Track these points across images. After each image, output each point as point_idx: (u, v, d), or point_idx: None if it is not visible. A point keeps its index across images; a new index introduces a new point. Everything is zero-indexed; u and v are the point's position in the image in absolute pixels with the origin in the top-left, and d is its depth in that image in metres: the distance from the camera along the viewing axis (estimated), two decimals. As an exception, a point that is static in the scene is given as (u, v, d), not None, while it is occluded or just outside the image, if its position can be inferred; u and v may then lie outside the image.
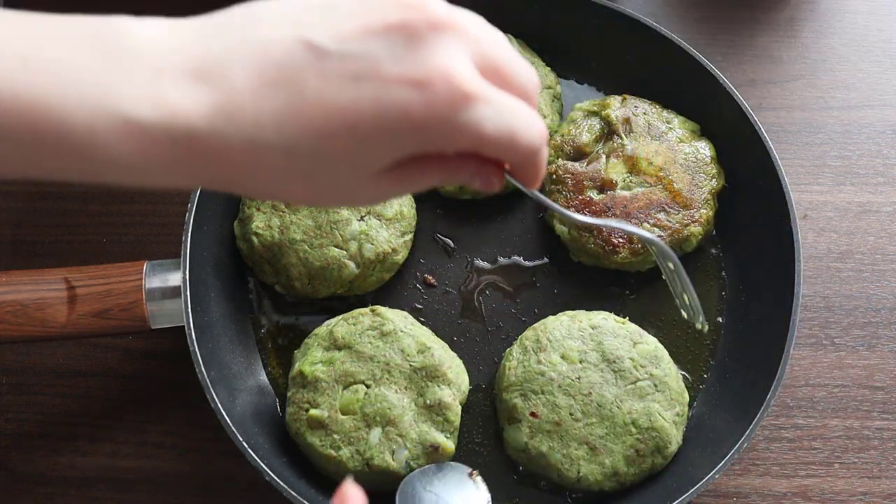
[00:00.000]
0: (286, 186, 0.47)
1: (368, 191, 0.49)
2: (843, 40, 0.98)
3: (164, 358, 0.86)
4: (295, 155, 0.45)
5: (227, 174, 0.46)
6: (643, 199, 0.84)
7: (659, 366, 0.79)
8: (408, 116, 0.44)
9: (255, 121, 0.44)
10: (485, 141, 0.47)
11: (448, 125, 0.45)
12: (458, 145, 0.47)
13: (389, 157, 0.47)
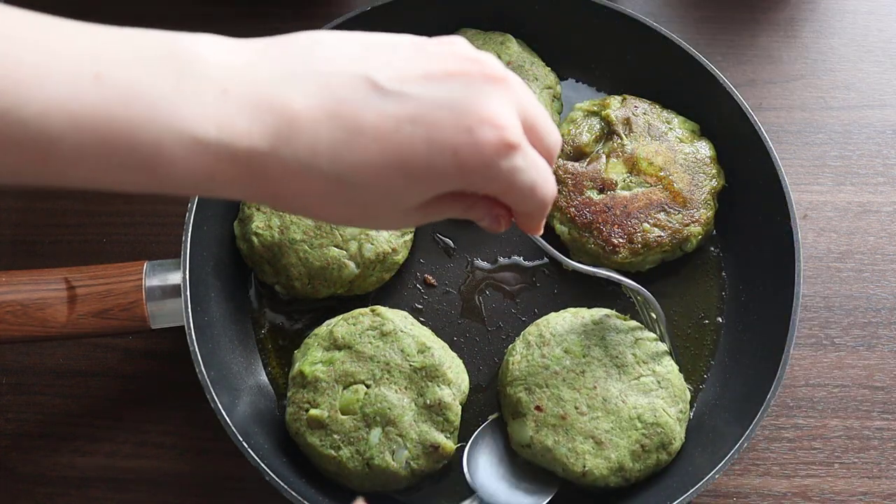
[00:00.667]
0: (325, 209, 0.50)
1: (398, 220, 0.53)
2: (843, 40, 0.98)
3: (164, 358, 0.86)
4: (343, 184, 0.48)
5: (276, 192, 0.48)
6: (643, 199, 0.84)
7: (661, 363, 0.79)
8: (456, 158, 0.48)
9: (312, 149, 0.46)
10: (512, 188, 0.51)
11: (489, 169, 0.49)
12: (490, 189, 0.51)
13: (431, 193, 0.50)
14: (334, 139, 0.46)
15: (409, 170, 0.48)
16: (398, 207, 0.51)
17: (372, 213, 0.51)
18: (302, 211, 0.51)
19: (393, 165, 0.47)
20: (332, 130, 0.46)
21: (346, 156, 0.47)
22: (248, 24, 0.99)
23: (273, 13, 1.00)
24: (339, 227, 0.83)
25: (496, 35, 0.92)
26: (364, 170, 0.47)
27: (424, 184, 0.49)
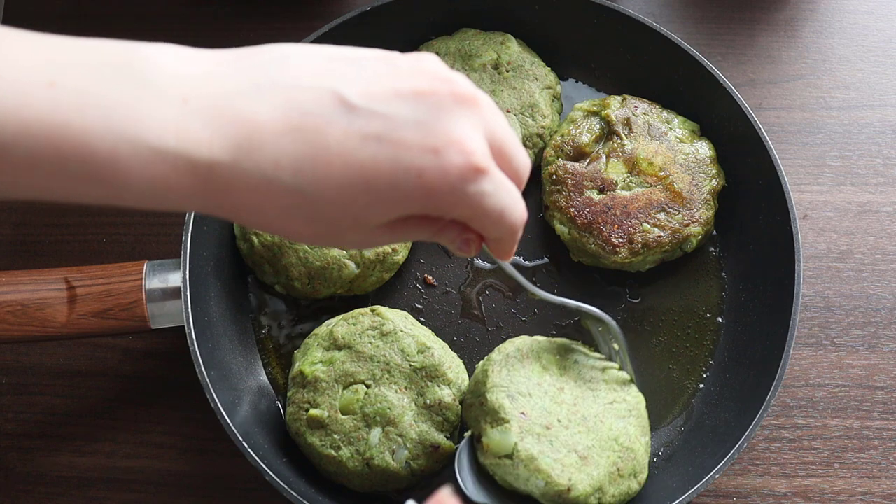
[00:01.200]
0: (287, 225, 0.49)
1: (363, 239, 0.51)
2: (844, 40, 0.98)
3: (164, 358, 0.86)
4: (306, 199, 0.47)
5: (236, 205, 0.47)
6: (643, 199, 0.84)
7: (630, 392, 0.79)
8: (421, 180, 0.47)
9: (275, 161, 0.45)
10: (479, 213, 0.50)
11: (455, 194, 0.48)
12: (456, 213, 0.50)
13: (394, 214, 0.49)
14: (298, 153, 0.45)
15: (372, 188, 0.47)
16: (362, 226, 0.50)
17: (335, 232, 0.50)
18: (264, 226, 0.50)
19: (356, 183, 0.46)
20: (295, 144, 0.45)
21: (309, 170, 0.46)
22: (249, 24, 0.99)
23: (274, 13, 1.00)
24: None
25: (496, 35, 0.92)
26: (327, 185, 0.46)
27: (388, 204, 0.48)
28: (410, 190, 0.47)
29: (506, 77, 0.90)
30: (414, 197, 0.48)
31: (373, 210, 0.48)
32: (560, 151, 0.87)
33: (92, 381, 0.86)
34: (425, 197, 0.48)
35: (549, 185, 0.87)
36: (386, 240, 0.52)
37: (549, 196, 0.86)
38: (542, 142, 0.89)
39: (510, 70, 0.90)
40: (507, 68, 0.90)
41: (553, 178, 0.86)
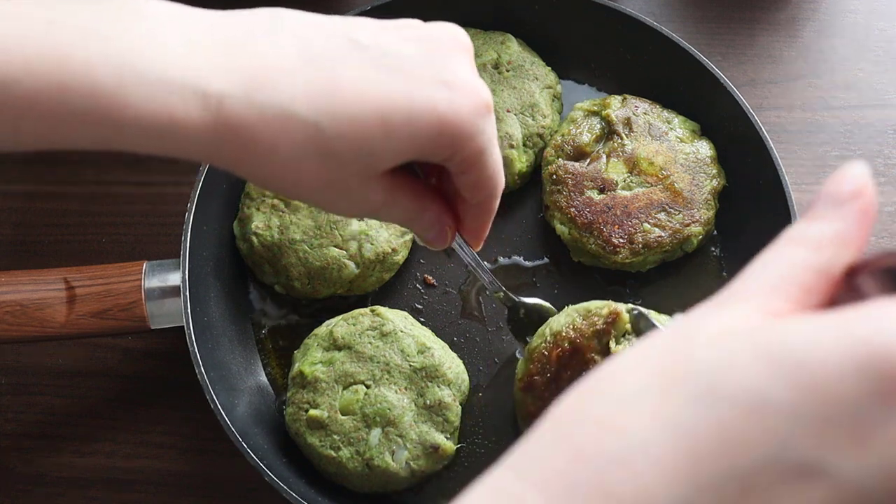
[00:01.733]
0: (291, 170, 0.48)
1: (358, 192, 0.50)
2: (844, 40, 0.98)
3: (164, 358, 0.86)
4: (321, 133, 0.46)
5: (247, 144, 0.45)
6: (643, 198, 0.84)
7: None
8: (436, 113, 0.47)
9: (291, 95, 0.45)
10: (484, 156, 0.51)
11: (467, 128, 0.48)
12: (465, 153, 0.50)
13: (405, 154, 0.49)
14: (313, 86, 0.45)
15: (387, 121, 0.46)
16: (370, 170, 0.49)
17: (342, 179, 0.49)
18: (271, 172, 0.48)
19: (371, 116, 0.46)
20: (310, 77, 0.45)
21: (325, 103, 0.45)
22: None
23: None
24: (340, 227, 0.83)
25: (496, 35, 0.92)
26: (342, 118, 0.46)
27: (401, 141, 0.48)
28: (425, 123, 0.47)
29: (506, 77, 0.90)
30: (427, 132, 0.47)
31: (387, 147, 0.48)
32: (560, 151, 0.87)
33: (91, 381, 0.86)
34: (438, 131, 0.48)
35: (549, 185, 0.86)
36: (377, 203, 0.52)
37: (549, 196, 0.86)
38: (542, 142, 0.89)
39: (510, 70, 0.90)
40: (507, 68, 0.90)
41: (553, 178, 0.86)
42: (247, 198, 0.85)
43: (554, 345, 0.75)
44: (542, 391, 0.76)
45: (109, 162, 0.93)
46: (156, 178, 0.93)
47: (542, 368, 0.76)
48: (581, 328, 0.75)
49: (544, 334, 0.77)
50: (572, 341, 0.74)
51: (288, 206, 0.83)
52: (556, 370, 0.75)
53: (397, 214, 0.54)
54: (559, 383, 0.75)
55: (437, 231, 0.56)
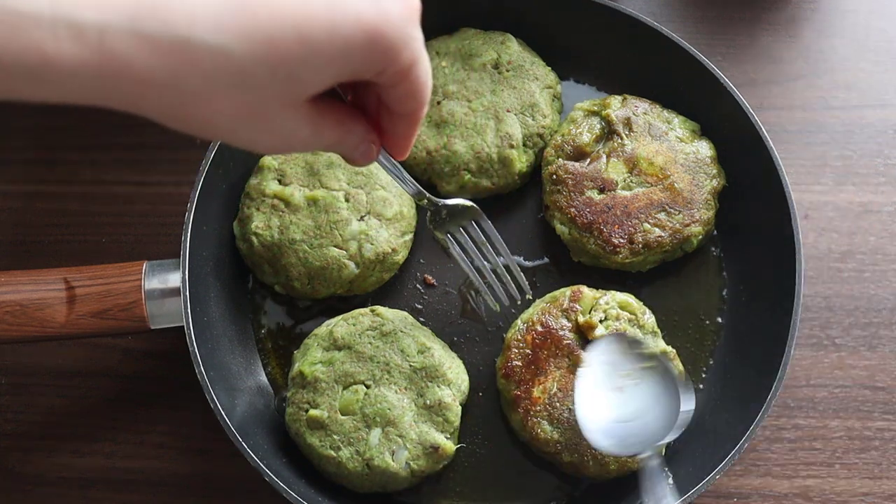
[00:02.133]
0: (204, 104, 0.42)
1: (283, 123, 0.45)
2: (844, 40, 0.98)
3: (164, 358, 0.86)
4: (231, 60, 0.40)
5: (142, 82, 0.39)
6: (643, 198, 0.84)
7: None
8: (360, 24, 0.42)
9: (190, 17, 0.39)
10: (419, 63, 0.46)
11: (397, 36, 0.43)
12: (398, 65, 0.45)
13: (330, 74, 0.43)
14: (215, 5, 0.39)
15: (306, 38, 0.41)
16: (293, 98, 0.43)
17: (262, 112, 0.43)
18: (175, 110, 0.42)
19: (288, 34, 0.40)
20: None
21: (232, 24, 0.39)
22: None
23: None
24: (339, 227, 0.83)
25: (496, 35, 0.92)
26: (255, 38, 0.40)
27: (327, 58, 0.42)
28: (349, 36, 0.42)
29: (506, 77, 0.90)
30: (354, 46, 0.42)
31: (308, 69, 0.42)
32: (560, 151, 0.87)
33: (91, 381, 0.86)
34: (366, 44, 0.42)
35: (549, 185, 0.86)
36: (304, 132, 0.47)
37: (549, 196, 0.86)
38: (542, 142, 0.89)
39: (510, 70, 0.90)
40: (507, 68, 0.90)
41: (553, 178, 0.86)
42: (247, 198, 0.85)
43: (527, 330, 0.80)
44: (522, 375, 0.78)
45: (109, 162, 0.93)
46: (156, 178, 0.93)
47: (519, 354, 0.79)
48: (549, 310, 0.80)
49: (517, 324, 0.81)
50: (543, 324, 0.79)
51: (288, 206, 0.83)
52: (533, 353, 0.79)
53: (322, 143, 0.49)
54: (538, 364, 0.78)
55: (363, 150, 0.52)
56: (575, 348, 0.79)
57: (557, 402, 0.77)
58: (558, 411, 0.77)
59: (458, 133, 0.87)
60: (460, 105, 0.88)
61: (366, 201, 0.84)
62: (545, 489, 0.81)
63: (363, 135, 0.51)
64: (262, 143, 0.47)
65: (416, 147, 0.87)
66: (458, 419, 0.78)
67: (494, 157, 0.87)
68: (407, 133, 0.53)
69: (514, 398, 0.78)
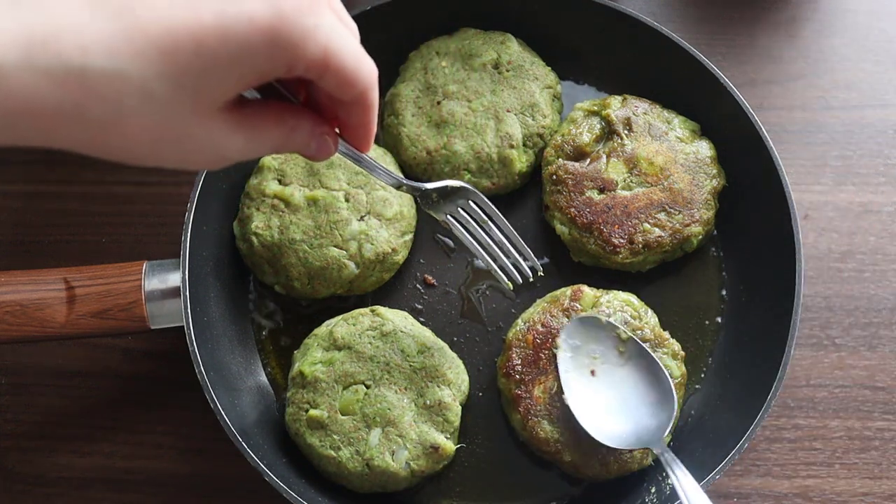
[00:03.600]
0: (116, 129, 0.41)
1: (207, 135, 0.45)
2: (845, 40, 0.98)
3: (164, 358, 0.86)
4: (131, 80, 0.40)
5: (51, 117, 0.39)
6: (643, 198, 0.84)
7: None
8: (254, 25, 0.41)
9: (81, 46, 0.38)
10: (334, 50, 0.44)
11: (297, 31, 0.42)
12: (307, 58, 0.44)
13: (235, 81, 0.43)
14: (107, 29, 0.39)
15: (202, 47, 0.40)
16: (201, 107, 0.43)
17: (176, 128, 0.43)
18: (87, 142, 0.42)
19: (185, 45, 0.40)
20: (100, 21, 0.39)
21: (125, 46, 0.39)
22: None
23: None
24: (339, 227, 0.83)
25: (496, 35, 0.92)
26: (150, 57, 0.39)
27: (225, 65, 0.41)
28: (245, 40, 0.41)
29: (506, 77, 0.90)
30: (252, 48, 0.42)
31: (211, 77, 0.42)
32: (560, 151, 0.87)
33: (91, 381, 0.86)
34: (266, 46, 0.42)
35: (549, 185, 0.86)
36: (234, 135, 0.46)
37: (549, 196, 0.86)
38: (542, 142, 0.89)
39: (510, 70, 0.90)
40: (508, 68, 0.90)
41: (553, 178, 0.86)
42: (247, 198, 0.85)
43: (528, 330, 0.80)
44: (522, 375, 0.78)
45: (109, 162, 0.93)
46: (156, 178, 0.92)
47: (520, 353, 0.79)
48: (549, 310, 0.81)
49: (517, 324, 0.81)
50: (544, 323, 0.80)
51: (288, 206, 0.83)
52: (534, 353, 0.79)
53: (265, 146, 0.48)
54: (537, 363, 0.79)
55: (316, 144, 0.51)
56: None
57: (558, 401, 0.77)
58: (559, 411, 0.77)
59: (458, 133, 0.87)
60: (460, 105, 0.88)
61: (366, 201, 0.84)
62: (545, 489, 0.81)
63: (311, 129, 0.50)
64: (194, 161, 0.46)
65: (416, 147, 0.88)
66: (458, 419, 0.78)
67: (494, 157, 0.87)
68: (363, 121, 0.52)
69: (515, 397, 0.78)
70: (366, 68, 0.47)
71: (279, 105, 0.49)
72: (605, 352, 0.78)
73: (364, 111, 0.50)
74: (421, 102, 0.89)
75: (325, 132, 0.51)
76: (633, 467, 0.77)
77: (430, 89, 0.89)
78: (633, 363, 0.77)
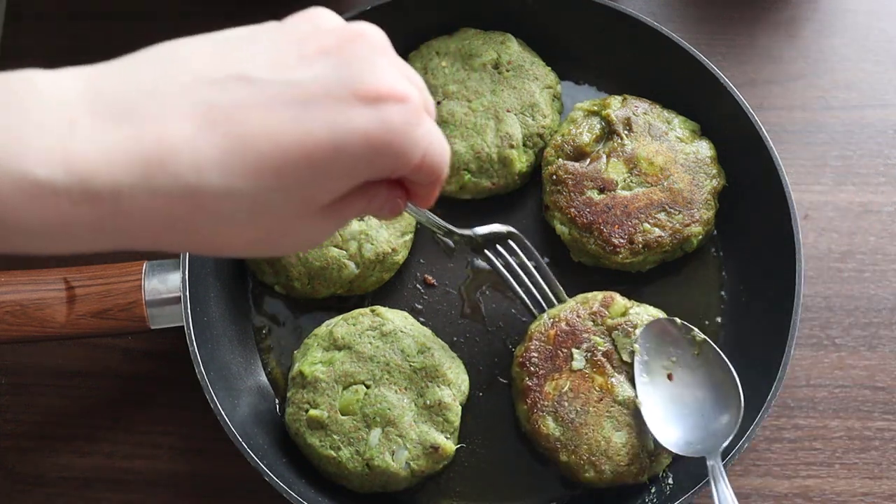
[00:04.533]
0: (228, 236, 0.43)
1: (306, 231, 0.46)
2: (845, 40, 0.98)
3: (164, 358, 0.86)
4: (242, 196, 0.41)
5: (159, 229, 0.41)
6: (643, 199, 0.84)
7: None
8: (367, 139, 0.42)
9: (195, 165, 0.39)
10: (429, 156, 0.46)
11: (405, 142, 0.44)
12: (409, 164, 0.45)
13: (344, 185, 0.45)
14: (219, 148, 0.40)
15: (315, 161, 0.41)
16: (309, 210, 0.44)
17: (280, 227, 0.44)
18: (199, 247, 0.44)
19: (296, 160, 0.41)
20: (213, 139, 0.40)
21: (240, 163, 0.40)
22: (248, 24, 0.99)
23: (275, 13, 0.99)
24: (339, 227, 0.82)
25: (496, 35, 0.92)
26: (263, 173, 0.41)
27: (336, 175, 0.43)
28: (357, 154, 0.42)
29: (506, 77, 0.90)
30: (362, 160, 0.43)
31: (321, 187, 0.43)
32: (560, 151, 0.87)
33: (91, 381, 0.86)
34: (373, 155, 0.43)
35: (549, 185, 0.86)
36: (330, 225, 0.47)
37: (549, 196, 0.86)
38: (542, 142, 0.89)
39: (510, 70, 0.90)
40: (507, 68, 0.90)
41: (553, 178, 0.86)
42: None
43: (551, 325, 0.80)
44: (536, 368, 0.78)
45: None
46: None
47: (539, 347, 0.79)
48: (577, 310, 0.80)
49: (542, 318, 0.81)
50: (569, 322, 0.80)
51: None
52: (553, 349, 0.79)
53: (344, 223, 0.50)
54: (554, 360, 0.79)
55: (389, 208, 0.51)
56: (595, 352, 0.79)
57: (566, 401, 0.77)
58: (565, 410, 0.77)
59: (458, 133, 0.87)
60: (460, 105, 0.88)
61: (366, 201, 0.84)
62: (545, 489, 0.81)
63: (387, 195, 0.51)
64: (287, 251, 0.48)
65: (416, 147, 0.87)
66: (458, 419, 0.78)
67: (494, 157, 0.87)
68: (431, 191, 0.53)
69: (525, 388, 0.78)
70: (445, 157, 0.48)
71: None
72: (680, 355, 0.78)
73: (434, 185, 0.51)
74: (421, 102, 0.89)
75: (397, 195, 0.51)
76: (626, 480, 0.77)
77: (429, 89, 0.89)
78: (707, 367, 0.77)
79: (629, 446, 0.76)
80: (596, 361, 0.78)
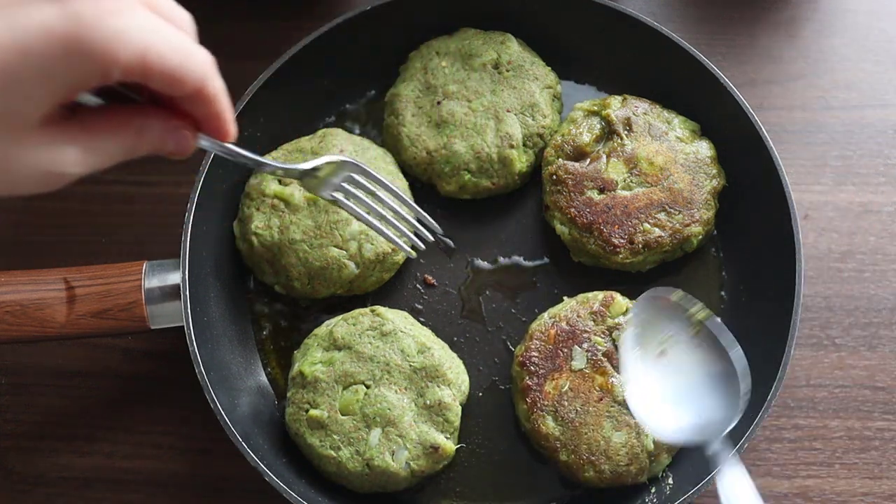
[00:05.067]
0: None
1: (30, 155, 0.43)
2: (845, 40, 0.98)
3: (164, 358, 0.86)
4: None
5: None
6: (643, 198, 0.84)
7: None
8: (52, 36, 0.39)
9: None
10: (151, 48, 0.42)
11: (100, 37, 0.40)
12: (121, 62, 0.41)
13: (45, 96, 0.41)
14: None
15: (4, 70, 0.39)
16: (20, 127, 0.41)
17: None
18: None
19: None
20: None
21: None
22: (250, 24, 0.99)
23: (275, 13, 0.99)
24: (340, 227, 0.83)
25: (496, 35, 0.92)
26: None
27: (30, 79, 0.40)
28: (45, 52, 0.39)
29: (506, 77, 0.90)
30: (54, 60, 0.40)
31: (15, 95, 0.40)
32: (560, 151, 0.87)
33: (91, 381, 0.86)
34: (67, 55, 0.40)
35: (549, 185, 0.86)
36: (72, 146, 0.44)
37: (549, 196, 0.86)
38: (542, 142, 0.89)
39: (510, 70, 0.90)
40: (507, 68, 0.90)
41: (553, 178, 0.86)
42: (247, 198, 0.85)
43: (552, 325, 0.80)
44: (537, 367, 0.79)
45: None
46: (156, 178, 0.92)
47: (539, 346, 0.79)
48: (578, 310, 0.81)
49: (542, 317, 0.81)
50: (569, 321, 0.80)
51: (288, 206, 0.83)
52: (553, 348, 0.79)
53: (112, 153, 0.46)
54: (554, 360, 0.79)
55: (173, 141, 0.48)
56: (595, 352, 0.79)
57: (566, 401, 0.77)
58: (565, 410, 0.77)
59: (458, 133, 0.87)
60: (460, 105, 0.88)
61: (366, 201, 0.84)
62: (545, 489, 0.81)
63: (162, 126, 0.48)
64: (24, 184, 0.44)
65: (416, 147, 0.88)
66: (458, 419, 0.78)
67: (494, 157, 0.87)
68: (213, 112, 0.49)
69: (525, 387, 0.78)
70: (194, 62, 0.44)
71: (123, 108, 0.47)
72: (675, 332, 0.72)
73: (209, 103, 0.48)
74: (421, 102, 0.89)
75: (179, 126, 0.48)
76: (626, 480, 0.77)
77: (430, 89, 0.89)
78: (704, 350, 0.71)
79: (629, 446, 0.76)
80: (596, 361, 0.79)
